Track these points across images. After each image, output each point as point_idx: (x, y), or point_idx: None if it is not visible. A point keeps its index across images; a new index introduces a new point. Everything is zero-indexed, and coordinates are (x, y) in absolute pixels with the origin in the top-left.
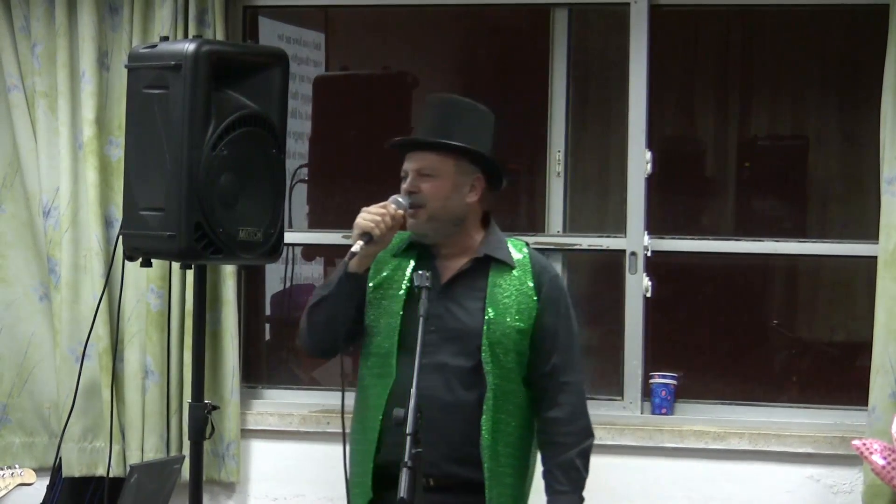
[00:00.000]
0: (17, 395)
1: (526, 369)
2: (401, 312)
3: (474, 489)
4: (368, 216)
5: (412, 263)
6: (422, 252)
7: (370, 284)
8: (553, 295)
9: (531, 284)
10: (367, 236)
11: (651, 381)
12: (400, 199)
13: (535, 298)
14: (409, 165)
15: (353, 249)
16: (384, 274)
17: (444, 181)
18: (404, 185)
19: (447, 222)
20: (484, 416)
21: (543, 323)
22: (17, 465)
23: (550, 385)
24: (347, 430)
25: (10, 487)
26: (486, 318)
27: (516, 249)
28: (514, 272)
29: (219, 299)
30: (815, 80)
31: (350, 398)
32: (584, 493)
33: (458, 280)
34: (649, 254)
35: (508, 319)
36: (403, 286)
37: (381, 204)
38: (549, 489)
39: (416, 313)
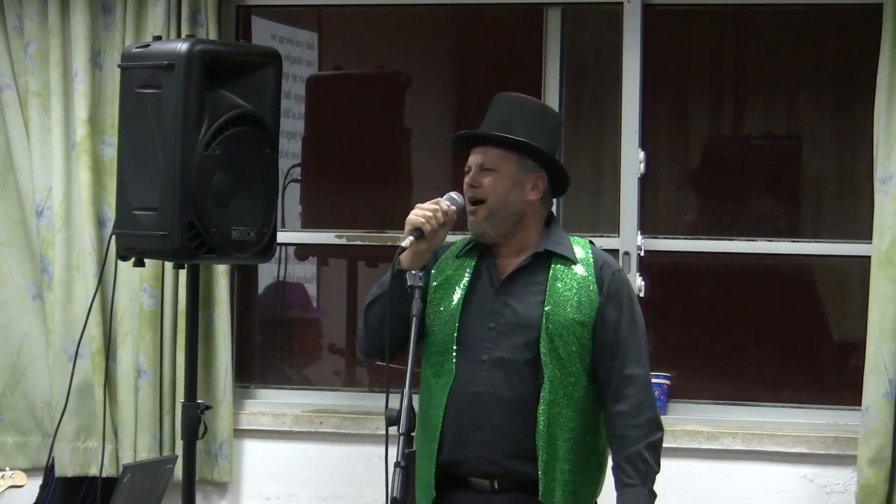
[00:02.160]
0: (10, 394)
1: (590, 364)
2: (459, 309)
3: (536, 487)
4: (420, 212)
5: (474, 262)
6: (483, 251)
7: (433, 284)
8: (615, 288)
9: (593, 279)
10: (417, 232)
11: None
12: (454, 196)
13: (596, 292)
14: (473, 160)
15: (402, 244)
16: (447, 273)
17: (504, 176)
18: (466, 179)
19: (506, 218)
20: (540, 408)
21: (606, 316)
22: (7, 468)
23: (615, 378)
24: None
25: (1, 490)
26: (545, 310)
27: (579, 247)
28: (576, 267)
29: (212, 299)
30: (809, 80)
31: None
32: (655, 489)
33: (517, 275)
34: (642, 253)
35: (569, 312)
36: (462, 285)
37: (434, 200)
38: (618, 482)
39: (476, 309)
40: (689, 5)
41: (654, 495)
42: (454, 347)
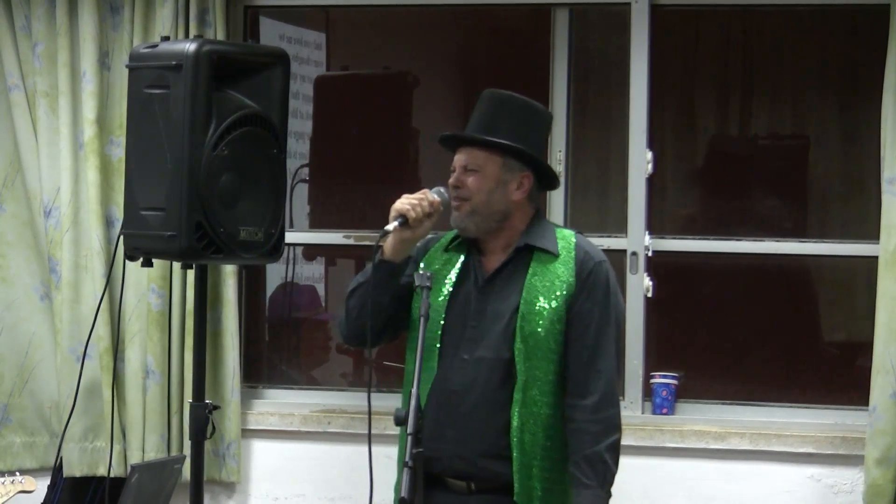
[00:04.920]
0: (18, 394)
1: (565, 361)
2: (444, 307)
3: (513, 488)
4: (406, 200)
5: (462, 258)
6: (471, 247)
7: None
8: (592, 280)
9: (572, 271)
10: (402, 218)
11: (652, 380)
12: (442, 190)
13: (574, 284)
14: (457, 160)
15: (386, 228)
16: (434, 268)
17: (487, 177)
18: (451, 180)
19: (489, 217)
20: (514, 407)
21: (579, 307)
22: (17, 473)
23: (581, 371)
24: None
25: (11, 495)
26: (520, 309)
27: (564, 238)
28: (557, 260)
29: (219, 299)
30: (816, 80)
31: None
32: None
33: (499, 273)
34: (650, 254)
35: (543, 309)
36: (448, 281)
37: (422, 190)
38: (575, 481)
39: (461, 307)
40: (696, 6)
41: (609, 496)
42: (437, 345)
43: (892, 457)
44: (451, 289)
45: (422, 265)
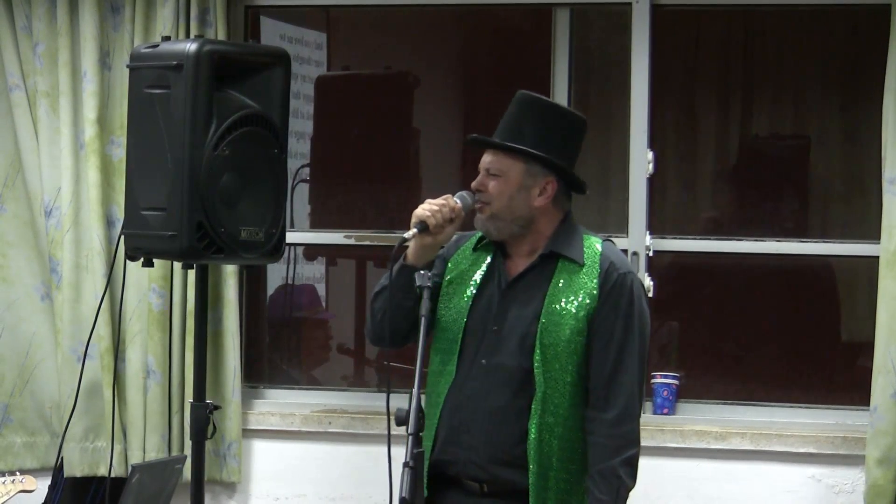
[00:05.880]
0: (19, 394)
1: (585, 373)
2: (467, 309)
3: (526, 495)
4: (427, 206)
5: (488, 259)
6: (497, 248)
7: (447, 278)
8: (616, 292)
9: (596, 281)
10: (421, 224)
11: (653, 381)
12: (465, 195)
13: (596, 296)
14: (483, 162)
15: (405, 235)
16: (462, 268)
17: (509, 182)
18: (473, 183)
19: (510, 222)
20: (532, 418)
21: (601, 320)
22: (17, 472)
23: (602, 385)
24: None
25: (11, 494)
26: (541, 319)
27: (591, 247)
28: (582, 269)
29: (220, 299)
30: (817, 80)
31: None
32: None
33: (522, 278)
34: (651, 253)
35: (566, 319)
36: (473, 282)
37: (445, 196)
38: (590, 495)
39: (484, 310)
40: (697, 6)
41: None
42: (458, 347)
43: (892, 457)
44: (475, 290)
45: (449, 264)
